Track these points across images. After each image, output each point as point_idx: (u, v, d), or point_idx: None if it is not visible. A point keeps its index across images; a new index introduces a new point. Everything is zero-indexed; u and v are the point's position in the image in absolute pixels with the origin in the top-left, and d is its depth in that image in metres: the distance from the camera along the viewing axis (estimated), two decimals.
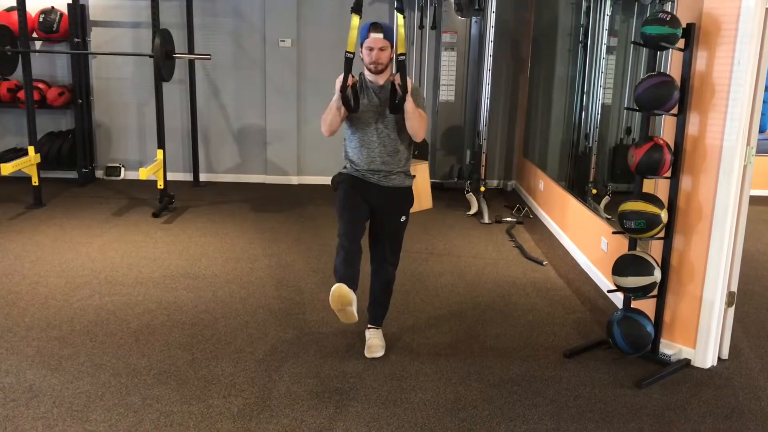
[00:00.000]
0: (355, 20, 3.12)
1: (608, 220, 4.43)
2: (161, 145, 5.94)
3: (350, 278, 2.91)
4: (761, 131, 6.99)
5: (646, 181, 3.26)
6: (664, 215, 3.14)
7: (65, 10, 6.62)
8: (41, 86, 6.74)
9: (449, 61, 7.12)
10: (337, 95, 3.06)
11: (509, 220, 5.96)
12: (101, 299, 3.91)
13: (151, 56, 5.70)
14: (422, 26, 6.93)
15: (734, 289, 3.31)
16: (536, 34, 6.85)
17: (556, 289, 4.34)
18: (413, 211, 3.37)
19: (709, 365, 3.29)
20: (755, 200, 3.80)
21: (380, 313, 3.43)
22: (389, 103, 3.09)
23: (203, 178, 7.22)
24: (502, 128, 7.40)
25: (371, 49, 3.05)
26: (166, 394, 2.89)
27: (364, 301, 3.38)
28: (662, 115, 3.23)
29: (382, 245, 3.28)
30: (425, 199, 6.38)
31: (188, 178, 7.17)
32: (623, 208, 3.20)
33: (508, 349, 3.45)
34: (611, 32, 5.04)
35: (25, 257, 4.60)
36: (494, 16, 6.08)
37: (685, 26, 3.06)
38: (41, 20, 6.60)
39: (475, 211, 6.18)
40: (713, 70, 3.06)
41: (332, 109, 3.09)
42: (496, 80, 6.76)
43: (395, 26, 3.09)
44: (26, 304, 3.81)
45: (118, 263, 4.54)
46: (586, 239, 4.78)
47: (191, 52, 6.75)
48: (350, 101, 3.08)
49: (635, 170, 3.18)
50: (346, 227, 3.07)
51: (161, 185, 5.98)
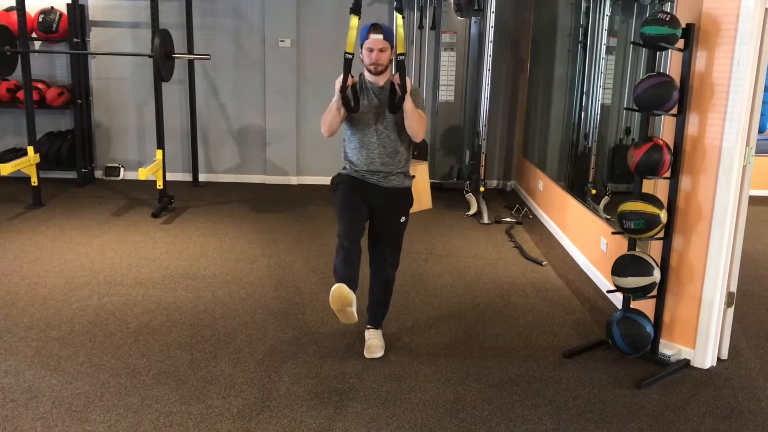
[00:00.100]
0: (354, 21, 3.12)
1: (608, 220, 4.44)
2: (161, 145, 5.94)
3: (350, 278, 2.91)
4: (760, 131, 6.99)
5: (645, 181, 3.26)
6: (663, 215, 3.14)
7: (65, 10, 6.62)
8: (40, 86, 6.73)
9: (449, 61, 7.12)
10: (336, 96, 3.05)
11: (509, 220, 5.96)
12: (100, 299, 3.91)
13: (150, 56, 5.70)
14: (422, 26, 6.93)
15: (734, 289, 3.31)
16: (536, 34, 6.85)
17: (555, 289, 4.34)
18: (413, 211, 3.36)
19: (708, 365, 3.29)
20: (755, 200, 3.80)
21: (380, 314, 3.43)
22: (388, 102, 3.09)
23: (202, 178, 7.21)
24: (501, 128, 7.40)
25: (371, 50, 3.05)
26: (165, 394, 2.89)
27: (363, 301, 3.38)
28: (662, 115, 3.23)
29: (381, 246, 3.28)
30: (425, 199, 6.38)
31: (187, 178, 7.17)
32: (623, 208, 3.20)
33: (507, 349, 3.45)
34: (611, 32, 5.04)
35: (24, 257, 4.59)
36: (494, 16, 6.08)
37: (684, 26, 3.06)
38: (40, 20, 6.60)
39: (474, 211, 6.18)
40: (713, 70, 3.06)
41: (332, 109, 3.09)
42: (495, 80, 6.76)
43: (395, 27, 3.09)
44: (25, 304, 3.81)
45: (117, 263, 4.54)
46: (585, 239, 4.78)
47: (191, 52, 6.74)
48: (350, 102, 3.08)
49: (635, 170, 3.18)
50: (345, 227, 3.06)
51: (160, 185, 5.98)
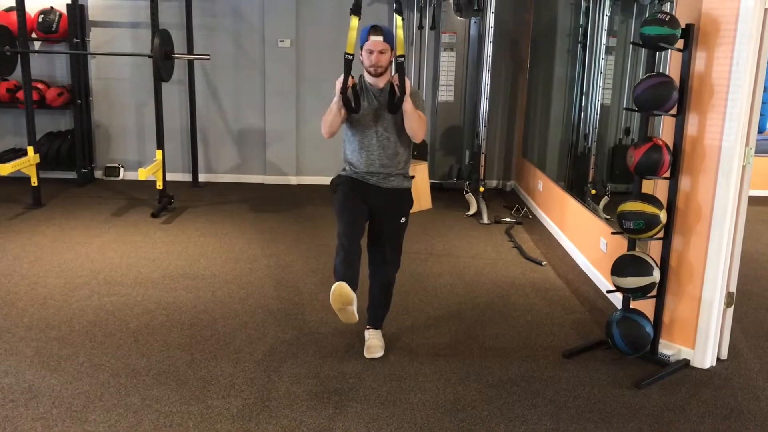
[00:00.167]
0: (354, 21, 3.13)
1: (607, 220, 4.44)
2: (160, 145, 5.94)
3: (350, 278, 2.91)
4: (760, 132, 6.99)
5: (645, 181, 3.27)
6: (663, 216, 3.14)
7: (64, 10, 6.62)
8: (40, 86, 6.73)
9: (448, 61, 7.12)
10: (337, 97, 3.06)
11: (508, 220, 5.96)
12: (100, 300, 3.91)
13: (150, 56, 5.70)
14: (421, 27, 6.93)
15: (733, 289, 3.31)
16: (535, 34, 6.85)
17: (555, 289, 4.34)
18: (412, 211, 3.36)
19: (708, 366, 3.29)
20: (754, 200, 3.80)
21: (380, 314, 3.43)
22: (387, 102, 3.10)
23: (202, 178, 7.22)
24: (501, 128, 7.40)
25: (371, 51, 3.05)
26: (165, 394, 2.89)
27: (363, 302, 3.38)
28: (661, 115, 3.24)
29: (381, 247, 3.28)
30: (424, 199, 6.38)
31: (187, 178, 7.17)
32: (622, 208, 3.20)
33: (507, 349, 3.45)
34: (610, 33, 5.04)
35: (24, 257, 4.59)
36: (493, 16, 6.09)
37: (684, 27, 3.07)
38: (40, 20, 6.60)
39: (474, 211, 6.18)
40: (712, 70, 3.06)
41: (332, 110, 3.09)
42: (495, 81, 6.76)
43: (394, 28, 3.09)
44: (25, 304, 3.81)
45: (117, 263, 4.54)
46: (585, 239, 4.78)
47: (190, 52, 6.74)
48: (351, 102, 3.08)
49: (634, 171, 3.18)
50: (345, 227, 3.06)
51: (160, 185, 5.98)
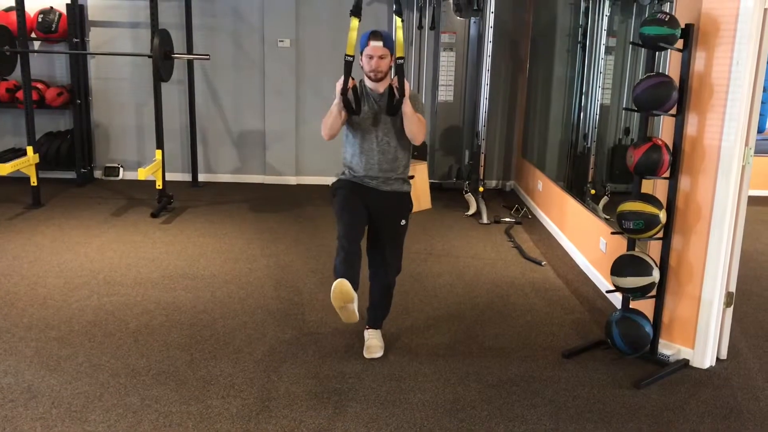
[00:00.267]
0: (354, 22, 3.14)
1: (607, 220, 4.44)
2: (160, 145, 5.94)
3: (350, 277, 2.90)
4: (759, 131, 6.98)
5: (644, 181, 3.27)
6: (662, 216, 3.14)
7: (64, 10, 6.62)
8: (40, 86, 6.73)
9: (448, 61, 7.12)
10: (337, 98, 3.06)
11: (508, 220, 5.96)
12: (100, 300, 3.91)
13: (149, 56, 5.69)
14: (421, 26, 6.93)
15: (733, 289, 3.31)
16: (535, 34, 6.85)
17: (554, 289, 4.34)
18: (412, 211, 3.37)
19: (707, 365, 3.30)
20: (754, 200, 3.80)
21: (380, 315, 3.43)
22: (386, 104, 3.11)
23: (202, 178, 7.21)
24: (500, 128, 7.40)
25: (371, 57, 3.06)
26: (164, 394, 2.89)
27: (363, 303, 3.37)
28: (661, 115, 3.24)
29: (381, 250, 3.27)
30: (424, 199, 6.40)
31: (187, 178, 7.17)
32: (622, 208, 3.21)
33: (506, 349, 3.45)
34: (610, 33, 5.04)
35: (23, 257, 4.59)
36: (493, 16, 6.09)
37: (683, 27, 3.07)
38: (40, 20, 6.59)
39: (473, 211, 6.18)
40: (712, 70, 3.06)
41: (333, 112, 3.10)
42: (494, 81, 6.76)
43: (394, 29, 3.10)
44: (25, 304, 3.81)
45: (116, 264, 4.54)
46: (584, 239, 4.78)
47: (190, 52, 6.74)
48: (351, 104, 3.09)
49: (634, 171, 3.18)
50: (345, 229, 3.07)
51: (160, 185, 5.98)
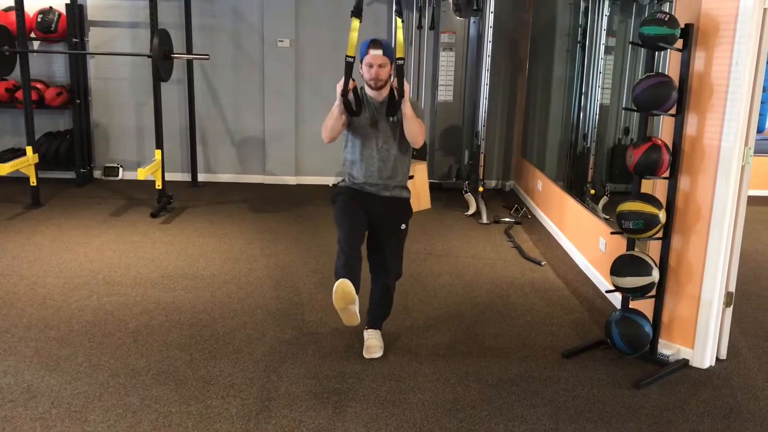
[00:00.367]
0: (355, 23, 3.15)
1: (606, 220, 4.44)
2: (159, 145, 5.94)
3: (352, 279, 2.92)
4: (759, 131, 6.96)
5: (644, 181, 3.27)
6: (662, 215, 3.14)
7: (63, 10, 6.62)
8: (39, 86, 6.73)
9: (447, 61, 7.12)
10: (338, 100, 3.08)
11: (507, 220, 5.96)
12: (99, 300, 3.91)
13: (149, 56, 5.69)
14: (421, 26, 6.93)
15: (732, 289, 3.31)
16: (534, 34, 6.85)
17: (554, 289, 4.34)
18: (412, 215, 3.38)
19: (707, 365, 3.30)
20: (753, 200, 3.80)
21: (380, 316, 3.43)
22: (386, 105, 3.12)
23: (201, 178, 7.21)
24: (500, 128, 7.40)
25: (371, 65, 3.08)
26: (164, 394, 2.89)
27: (364, 306, 3.37)
28: (660, 115, 3.24)
29: (381, 254, 3.28)
30: (424, 199, 6.40)
31: (186, 178, 7.17)
32: (621, 208, 3.21)
33: (506, 349, 3.45)
34: (609, 32, 5.04)
35: (23, 258, 4.59)
36: (492, 16, 6.09)
37: (683, 26, 3.07)
38: (39, 20, 6.59)
39: (473, 211, 6.18)
40: (711, 70, 3.06)
41: (333, 114, 3.11)
42: (494, 80, 6.76)
43: (394, 29, 3.11)
44: (24, 304, 3.81)
45: (116, 264, 4.53)
46: (584, 239, 4.78)
47: (189, 52, 6.74)
48: (351, 105, 3.10)
49: (633, 170, 3.18)
50: (345, 234, 3.09)
51: (159, 185, 5.98)
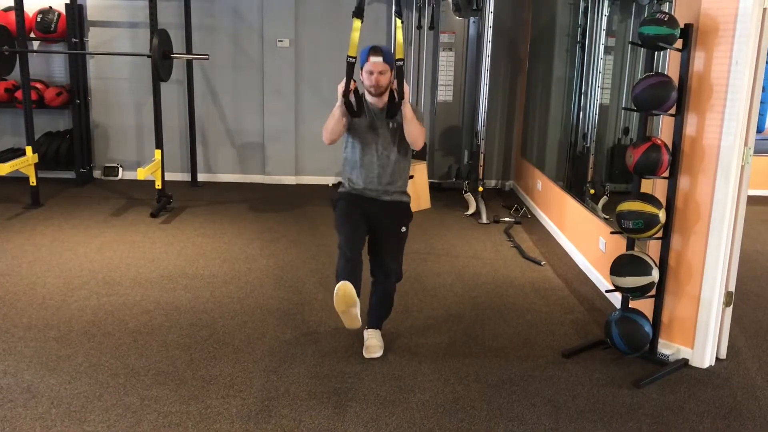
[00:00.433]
0: (356, 23, 3.15)
1: (606, 220, 4.44)
2: (159, 145, 5.94)
3: (353, 282, 2.93)
4: (759, 131, 6.96)
5: (644, 181, 3.27)
6: (662, 215, 3.14)
7: (63, 10, 6.62)
8: (39, 86, 6.73)
9: (447, 61, 7.12)
10: (340, 101, 3.08)
11: (507, 220, 5.96)
12: (99, 299, 3.91)
13: (148, 56, 5.69)
14: (420, 26, 6.92)
15: (732, 288, 3.31)
16: (534, 34, 6.85)
17: (554, 289, 4.34)
18: (412, 210, 3.38)
19: (707, 365, 3.30)
20: (753, 200, 3.80)
21: (380, 316, 3.43)
22: (387, 107, 3.13)
23: (201, 178, 7.21)
24: (500, 128, 7.41)
25: (371, 73, 3.09)
26: (164, 394, 2.89)
27: (364, 306, 3.36)
28: (660, 115, 3.24)
29: (382, 257, 3.29)
30: (423, 199, 6.40)
31: (186, 178, 7.17)
32: (621, 208, 3.21)
33: (506, 349, 3.45)
34: (609, 32, 5.04)
35: (22, 258, 4.59)
36: (492, 16, 6.09)
37: (682, 26, 3.07)
38: (39, 20, 6.59)
39: (473, 211, 6.18)
40: (711, 70, 3.06)
41: (335, 115, 3.12)
42: (494, 80, 6.77)
43: (393, 30, 3.12)
44: (24, 304, 3.80)
45: (116, 263, 4.53)
46: (584, 239, 4.79)
47: (189, 52, 6.74)
48: (353, 106, 3.10)
49: (633, 170, 3.18)
50: (346, 238, 3.11)
51: (159, 185, 5.98)
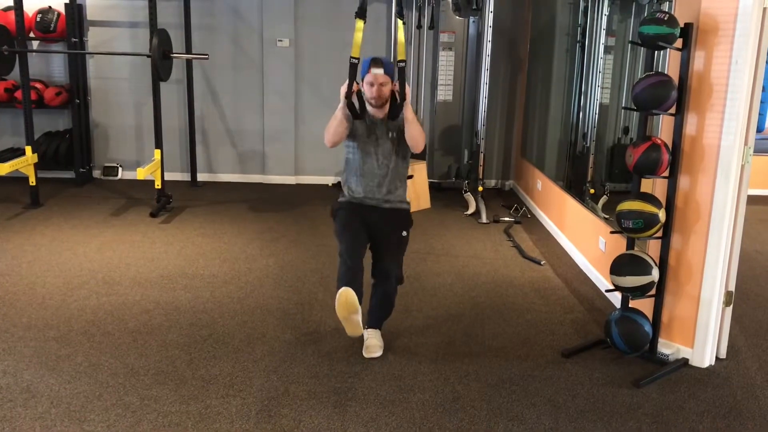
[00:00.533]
0: (359, 24, 3.16)
1: (606, 219, 4.44)
2: (159, 144, 5.94)
3: (354, 289, 2.94)
4: (759, 131, 6.96)
5: (644, 180, 3.27)
6: (661, 215, 3.14)
7: (62, 9, 6.61)
8: (38, 86, 6.73)
9: (447, 60, 7.11)
10: (342, 103, 3.09)
11: (507, 219, 5.96)
12: (99, 299, 3.90)
13: (148, 56, 5.69)
14: (420, 26, 6.91)
15: (732, 288, 3.31)
16: (534, 33, 6.85)
17: (554, 288, 4.34)
18: (412, 210, 3.38)
19: (706, 364, 3.30)
20: (753, 200, 3.80)
21: (380, 316, 3.43)
22: (388, 108, 3.13)
23: (201, 178, 7.21)
24: (500, 128, 7.40)
25: (372, 84, 3.11)
26: (164, 394, 2.89)
27: (365, 307, 3.36)
28: (660, 114, 3.24)
29: (383, 261, 3.29)
30: (423, 198, 6.40)
31: (186, 178, 7.17)
32: (621, 207, 3.21)
33: (506, 348, 3.45)
34: (609, 32, 5.04)
35: (22, 257, 4.59)
36: (492, 15, 6.09)
37: (682, 26, 3.07)
38: (38, 20, 6.59)
39: (473, 210, 6.18)
40: (711, 69, 3.06)
41: (337, 117, 3.12)
42: (493, 80, 6.77)
43: (394, 30, 3.13)
44: (24, 304, 3.80)
45: (115, 263, 4.53)
46: (584, 239, 4.78)
47: (189, 51, 6.74)
48: (356, 107, 3.11)
49: (633, 170, 3.18)
50: (346, 246, 3.12)
51: (159, 185, 5.97)
